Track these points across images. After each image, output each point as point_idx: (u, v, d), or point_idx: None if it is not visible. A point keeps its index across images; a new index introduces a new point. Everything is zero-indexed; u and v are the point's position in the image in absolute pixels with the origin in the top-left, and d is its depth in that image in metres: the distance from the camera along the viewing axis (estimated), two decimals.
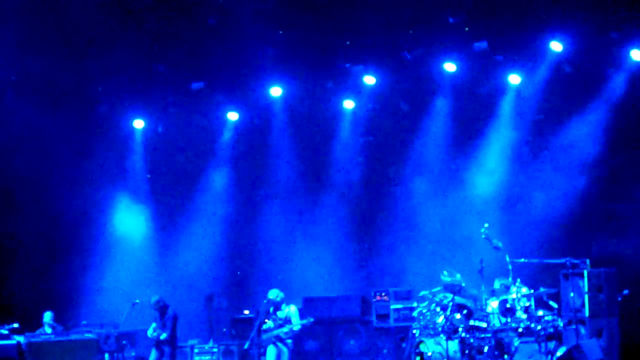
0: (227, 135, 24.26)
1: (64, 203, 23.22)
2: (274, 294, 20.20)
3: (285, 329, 19.90)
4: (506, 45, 21.37)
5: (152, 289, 21.60)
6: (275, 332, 19.92)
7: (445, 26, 21.27)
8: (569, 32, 20.86)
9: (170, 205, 24.40)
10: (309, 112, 23.64)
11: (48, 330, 20.75)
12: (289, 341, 19.99)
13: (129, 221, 24.13)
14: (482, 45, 21.20)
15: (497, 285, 19.62)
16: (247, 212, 24.58)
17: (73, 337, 20.21)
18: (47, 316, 20.80)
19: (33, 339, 19.79)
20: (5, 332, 19.76)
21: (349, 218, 24.03)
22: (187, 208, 24.35)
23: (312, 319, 20.26)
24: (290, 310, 20.08)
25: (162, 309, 20.48)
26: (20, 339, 19.68)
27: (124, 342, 21.13)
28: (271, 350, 20.02)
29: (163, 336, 20.32)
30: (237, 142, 24.32)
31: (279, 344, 19.89)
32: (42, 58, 21.33)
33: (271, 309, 20.19)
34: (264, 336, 19.96)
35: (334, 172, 24.12)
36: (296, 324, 19.92)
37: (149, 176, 24.32)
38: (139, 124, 23.98)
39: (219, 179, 24.51)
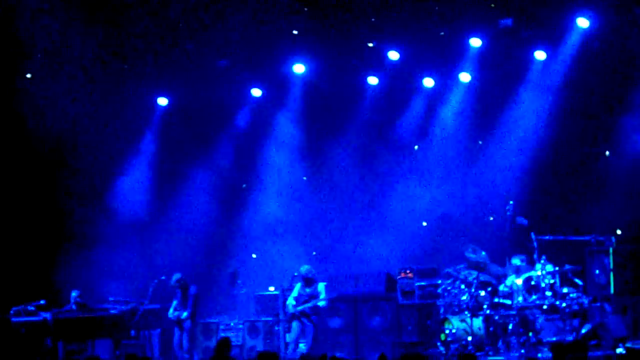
0: (247, 111, 24.31)
1: (83, 178, 23.38)
2: (305, 269, 20.22)
3: (310, 305, 19.94)
4: (532, 21, 21.22)
5: (176, 266, 21.70)
6: (300, 307, 19.96)
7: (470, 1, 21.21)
8: (594, 9, 20.72)
9: (184, 182, 24.42)
10: (331, 89, 23.58)
11: (74, 307, 20.85)
12: (314, 317, 20.03)
13: (144, 199, 24.18)
14: (507, 22, 21.09)
15: (517, 262, 19.59)
16: (275, 188, 24.60)
17: (99, 313, 20.33)
18: (74, 293, 20.90)
19: (60, 316, 19.91)
20: (32, 308, 19.91)
21: (371, 195, 24.00)
22: (200, 185, 24.39)
23: (335, 293, 20.30)
24: (319, 287, 20.12)
25: (183, 287, 20.56)
26: (47, 315, 19.83)
27: (149, 318, 21.21)
28: (295, 326, 20.07)
29: (184, 315, 20.40)
30: (259, 117, 24.33)
31: (304, 320, 19.93)
32: (71, 34, 21.43)
33: (299, 284, 20.23)
34: (290, 310, 20.01)
35: (355, 149, 24.08)
36: (321, 299, 19.96)
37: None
38: (162, 101, 24.04)
39: (235, 156, 24.56)
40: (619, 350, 17.59)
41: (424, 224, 23.55)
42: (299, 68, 23.30)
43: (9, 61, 21.87)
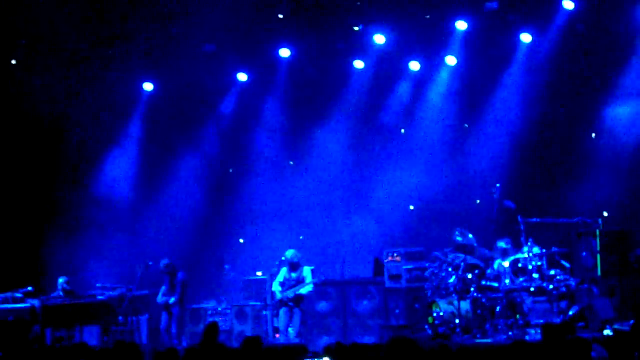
0: (233, 96, 24.27)
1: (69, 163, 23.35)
2: (291, 253, 20.18)
3: (295, 291, 19.93)
4: (517, 4, 21.21)
5: (163, 252, 21.68)
6: (286, 292, 19.96)
7: None
8: None
9: (171, 167, 24.38)
10: (318, 73, 23.54)
11: (62, 293, 20.81)
12: (300, 302, 20.03)
13: (130, 184, 24.13)
14: (493, 5, 21.07)
15: (502, 245, 19.62)
16: (262, 172, 24.58)
17: (87, 300, 20.30)
18: (61, 280, 20.87)
19: (48, 302, 19.88)
20: (20, 295, 19.89)
21: (358, 179, 24.02)
22: (187, 171, 24.37)
23: (323, 277, 20.30)
24: (304, 271, 20.11)
25: (171, 272, 20.55)
26: (35, 302, 19.80)
27: (138, 304, 21.19)
28: (283, 313, 20.05)
29: (172, 300, 20.42)
30: (245, 102, 24.29)
31: (291, 305, 19.93)
32: (57, 19, 21.35)
33: (285, 269, 20.21)
34: (277, 296, 19.99)
35: (341, 133, 24.05)
36: (307, 283, 19.95)
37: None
38: (148, 86, 23.97)
39: (222, 141, 24.53)
40: (607, 332, 17.64)
41: (411, 207, 23.57)
42: (285, 52, 23.26)
43: None
